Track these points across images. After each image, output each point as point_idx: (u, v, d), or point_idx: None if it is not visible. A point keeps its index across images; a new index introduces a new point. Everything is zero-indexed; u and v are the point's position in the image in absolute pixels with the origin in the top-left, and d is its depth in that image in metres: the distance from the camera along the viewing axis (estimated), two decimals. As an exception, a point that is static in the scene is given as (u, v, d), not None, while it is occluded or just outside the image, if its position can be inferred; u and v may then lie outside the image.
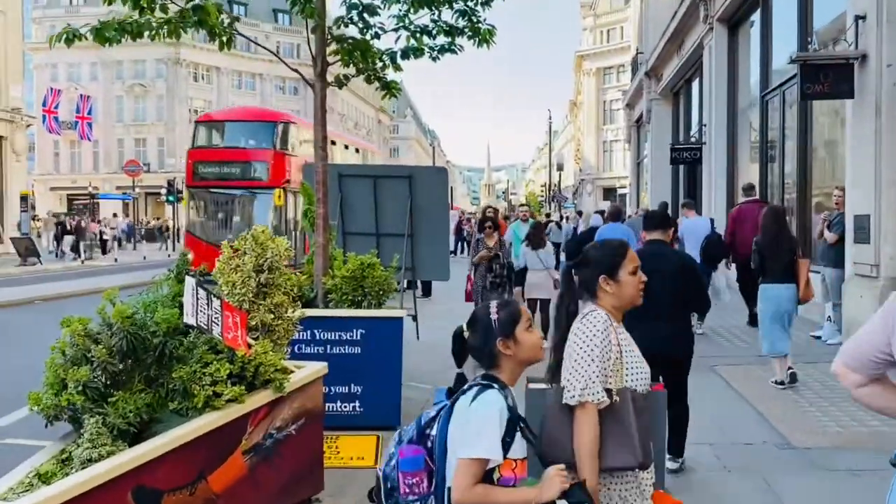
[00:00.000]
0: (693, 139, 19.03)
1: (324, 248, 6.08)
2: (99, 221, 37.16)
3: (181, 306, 3.55)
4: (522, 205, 11.51)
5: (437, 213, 9.20)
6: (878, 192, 7.60)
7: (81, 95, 40.23)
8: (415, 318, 9.56)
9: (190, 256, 4.89)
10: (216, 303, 3.68)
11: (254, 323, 3.93)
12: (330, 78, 6.26)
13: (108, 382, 3.45)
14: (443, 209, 9.17)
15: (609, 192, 56.29)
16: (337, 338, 5.67)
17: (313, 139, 6.14)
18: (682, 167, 20.83)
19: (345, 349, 5.67)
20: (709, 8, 15.75)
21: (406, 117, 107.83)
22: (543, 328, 9.16)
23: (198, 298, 3.57)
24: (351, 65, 6.28)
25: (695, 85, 20.09)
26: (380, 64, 6.54)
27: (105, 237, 33.74)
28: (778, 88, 12.25)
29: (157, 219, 50.30)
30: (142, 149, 59.51)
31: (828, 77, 7.89)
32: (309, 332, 5.58)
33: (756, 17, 13.82)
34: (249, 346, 3.74)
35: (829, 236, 8.68)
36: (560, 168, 55.44)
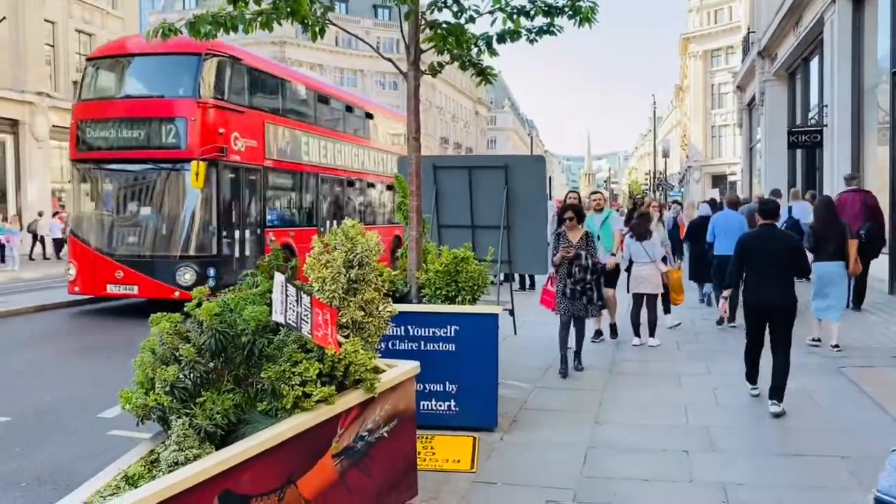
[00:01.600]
0: (812, 121, 17.74)
1: (417, 241, 5.90)
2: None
3: (271, 303, 3.44)
4: (595, 192, 9.91)
5: (535, 204, 8.88)
6: None
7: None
8: (511, 312, 9.30)
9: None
10: (306, 300, 3.56)
11: (344, 320, 3.78)
12: (424, 66, 6.06)
13: (198, 382, 3.39)
14: (540, 199, 8.84)
15: (718, 180, 53.87)
16: (431, 334, 5.48)
17: (407, 128, 5.96)
18: (798, 152, 19.52)
19: (439, 346, 5.47)
20: (831, -21, 14.58)
21: (504, 108, 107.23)
22: (650, 326, 8.69)
23: (287, 295, 3.45)
24: (445, 51, 6.05)
25: (813, 64, 18.75)
26: (475, 50, 6.28)
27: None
28: (912, 63, 11.15)
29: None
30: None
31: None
32: (402, 328, 5.42)
33: (886, -15, 12.64)
34: (340, 344, 3.60)
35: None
36: (666, 155, 53.53)
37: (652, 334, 8.70)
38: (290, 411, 3.34)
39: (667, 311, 9.58)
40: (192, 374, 3.35)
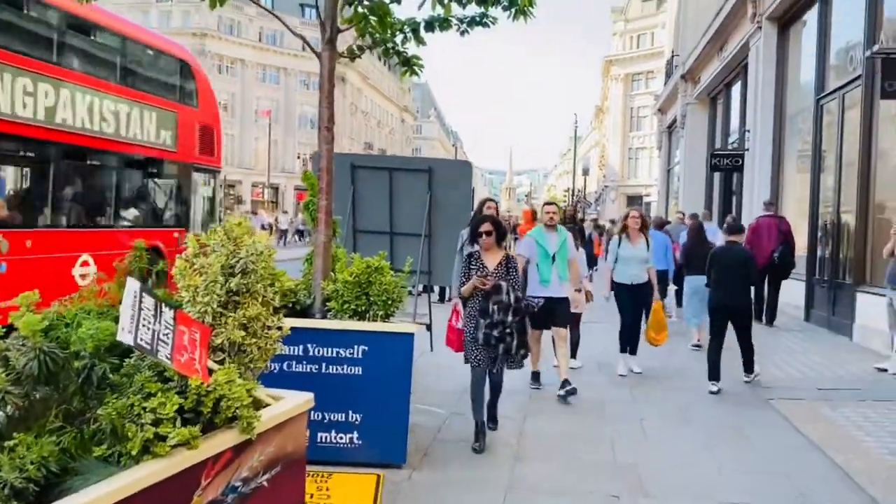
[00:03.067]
0: (733, 146, 17.94)
1: (325, 246, 5.16)
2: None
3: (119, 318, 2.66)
4: (549, 203, 8.00)
5: (458, 212, 8.29)
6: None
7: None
8: (429, 327, 8.65)
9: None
10: (168, 314, 2.79)
11: (219, 341, 3.03)
12: (343, 50, 5.35)
13: (14, 417, 2.58)
14: (465, 207, 8.26)
15: (633, 200, 55.07)
16: (335, 355, 4.75)
17: (318, 117, 5.23)
18: (716, 175, 19.75)
19: (344, 368, 4.75)
20: (757, 5, 14.69)
21: (430, 117, 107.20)
22: (574, 346, 8.20)
23: (142, 308, 2.68)
24: (367, 34, 5.37)
25: (735, 89, 19.01)
26: (400, 36, 5.62)
27: None
28: (836, 92, 11.19)
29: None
30: (162, 139, 58.95)
31: (913, 74, 6.88)
32: (301, 346, 4.68)
33: (812, 14, 12.75)
34: (210, 372, 2.84)
35: (903, 256, 7.68)
36: (586, 173, 54.30)
37: (574, 355, 8.20)
38: (137, 458, 2.56)
39: (633, 350, 8.18)
40: (5, 408, 2.55)
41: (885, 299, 7.98)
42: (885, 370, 7.88)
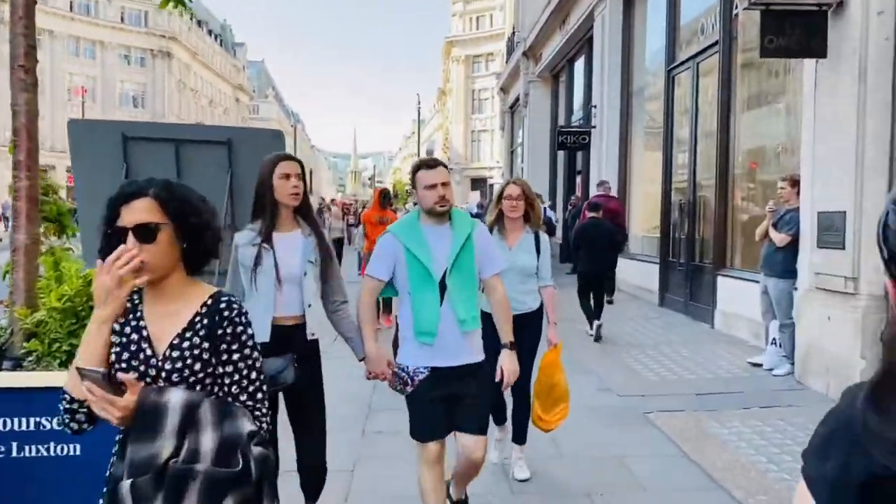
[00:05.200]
0: (578, 123, 17.28)
1: (27, 252, 3.32)
2: None
3: None
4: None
5: (271, 198, 6.56)
6: (860, 182, 5.76)
7: None
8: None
9: None
10: None
11: None
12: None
13: None
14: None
15: (477, 183, 54.97)
16: (34, 428, 2.96)
17: (11, 51, 3.35)
18: (560, 154, 19.14)
19: (48, 449, 2.97)
20: (602, -26, 13.91)
21: (267, 97, 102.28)
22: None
23: None
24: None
25: (579, 64, 18.39)
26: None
27: None
28: (690, 61, 10.47)
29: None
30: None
31: (794, 29, 5.97)
32: (-37, 423, 2.85)
33: (660, -19, 12.04)
34: None
35: (779, 237, 6.82)
36: (430, 154, 53.46)
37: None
38: None
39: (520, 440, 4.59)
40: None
41: (759, 286, 7.17)
42: (760, 365, 7.08)
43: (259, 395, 1.90)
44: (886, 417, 0.84)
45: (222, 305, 1.90)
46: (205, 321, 1.88)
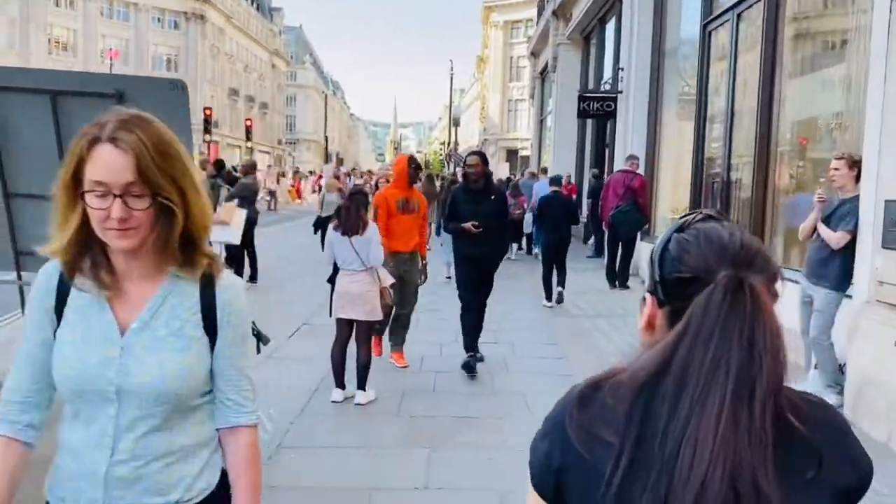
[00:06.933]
0: (607, 86, 15.55)
1: None
2: None
3: None
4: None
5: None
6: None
7: None
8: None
9: None
10: None
11: None
12: None
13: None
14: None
15: (512, 154, 53.13)
16: None
17: None
18: (589, 125, 17.48)
19: None
20: (635, -82, 12.13)
21: (305, 64, 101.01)
22: (360, 372, 5.41)
23: None
24: None
25: (610, 25, 16.63)
26: None
27: None
28: (730, 11, 8.77)
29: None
30: (-13, 79, 51.46)
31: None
32: None
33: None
34: None
35: (835, 236, 5.22)
36: (456, 123, 51.76)
37: (362, 386, 5.42)
38: None
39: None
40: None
41: (799, 293, 5.61)
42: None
43: None
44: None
45: None
46: None
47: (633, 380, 1.00)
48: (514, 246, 13.61)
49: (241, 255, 10.19)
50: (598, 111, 13.84)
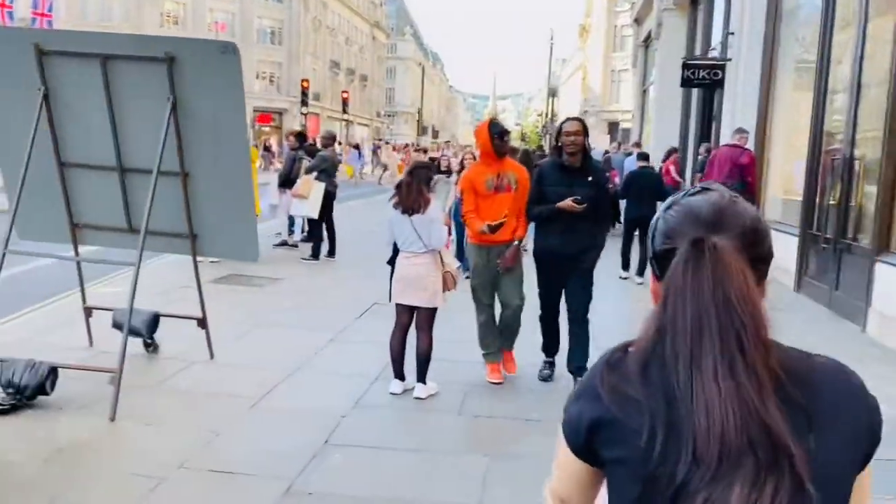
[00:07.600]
0: (714, 53, 14.34)
1: None
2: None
3: None
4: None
5: (229, 133, 4.95)
6: None
7: (41, -11, 34.34)
8: (202, 322, 5.52)
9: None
10: None
11: None
12: None
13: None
14: (235, 123, 4.87)
15: (614, 127, 51.25)
16: None
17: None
18: (695, 95, 16.27)
19: None
20: None
21: (405, 36, 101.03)
22: (421, 365, 4.96)
23: None
24: None
25: (721, -13, 15.32)
26: None
27: None
28: (861, -36, 7.68)
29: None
30: (104, 52, 53.99)
31: None
32: None
33: None
34: None
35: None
36: (553, 94, 50.27)
37: (422, 378, 4.99)
38: None
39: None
40: None
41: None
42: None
43: None
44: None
45: None
46: None
47: (637, 350, 1.06)
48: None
49: (319, 230, 9.92)
50: (703, 80, 12.73)
